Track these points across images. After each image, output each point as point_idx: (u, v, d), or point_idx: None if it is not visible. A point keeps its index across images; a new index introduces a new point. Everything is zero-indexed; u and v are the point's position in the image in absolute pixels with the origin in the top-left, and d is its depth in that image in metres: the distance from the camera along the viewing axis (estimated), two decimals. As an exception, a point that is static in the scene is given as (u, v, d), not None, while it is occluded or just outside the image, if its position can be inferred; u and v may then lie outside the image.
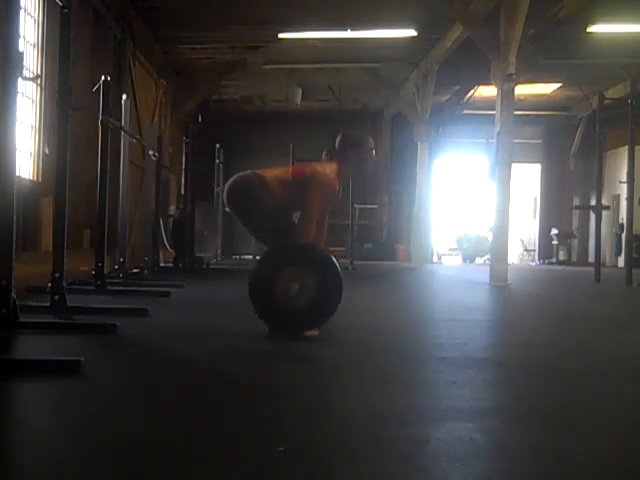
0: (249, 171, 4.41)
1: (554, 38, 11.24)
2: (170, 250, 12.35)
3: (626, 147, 11.10)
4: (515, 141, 10.27)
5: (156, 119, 13.77)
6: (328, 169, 4.31)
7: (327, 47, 13.96)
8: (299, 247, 4.06)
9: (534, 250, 22.02)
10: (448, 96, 17.37)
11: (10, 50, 3.75)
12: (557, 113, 20.17)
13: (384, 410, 2.59)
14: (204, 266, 11.71)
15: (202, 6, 11.77)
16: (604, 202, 13.32)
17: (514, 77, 9.65)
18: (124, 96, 8.23)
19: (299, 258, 3.85)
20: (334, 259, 3.85)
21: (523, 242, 22.13)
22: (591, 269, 11.80)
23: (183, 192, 12.19)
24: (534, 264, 20.85)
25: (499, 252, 9.96)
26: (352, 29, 12.67)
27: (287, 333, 3.79)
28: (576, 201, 20.43)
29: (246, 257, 17.92)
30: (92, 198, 7.28)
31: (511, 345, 4.46)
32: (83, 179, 8.40)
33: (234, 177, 4.42)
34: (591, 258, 17.38)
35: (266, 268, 3.84)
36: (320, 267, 3.79)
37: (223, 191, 4.77)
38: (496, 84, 9.84)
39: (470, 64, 13.20)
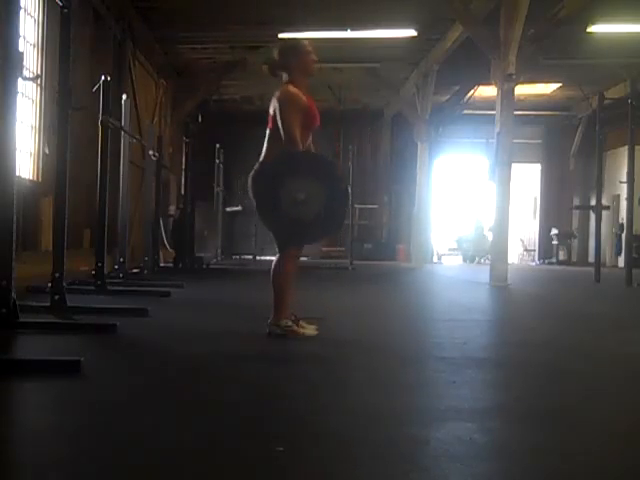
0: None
1: (554, 38, 11.24)
2: (170, 250, 12.35)
3: (626, 147, 11.10)
4: (515, 141, 10.27)
5: (156, 119, 13.76)
6: (285, 88, 4.29)
7: (327, 47, 13.94)
8: (306, 156, 3.98)
9: (534, 250, 22.02)
10: (448, 96, 17.37)
11: (10, 50, 3.75)
12: (557, 113, 20.17)
13: (384, 410, 2.59)
14: (204, 266, 11.71)
15: (202, 6, 11.77)
16: (604, 202, 13.32)
17: (514, 77, 9.65)
18: (124, 96, 8.23)
19: (306, 167, 3.77)
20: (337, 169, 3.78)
21: (523, 242, 22.12)
22: (591, 269, 11.80)
23: (183, 192, 12.19)
24: (534, 264, 20.85)
25: (499, 252, 9.96)
26: (352, 29, 12.67)
27: (299, 242, 3.70)
28: (576, 201, 20.42)
29: (246, 257, 17.92)
30: (92, 198, 7.29)
31: (511, 345, 4.46)
32: (83, 179, 8.40)
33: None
34: (591, 258, 17.38)
35: (271, 176, 3.75)
36: (325, 176, 3.70)
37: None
38: (496, 84, 9.84)
39: (470, 64, 13.20)
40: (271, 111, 4.29)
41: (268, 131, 4.33)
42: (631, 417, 2.63)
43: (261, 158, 4.30)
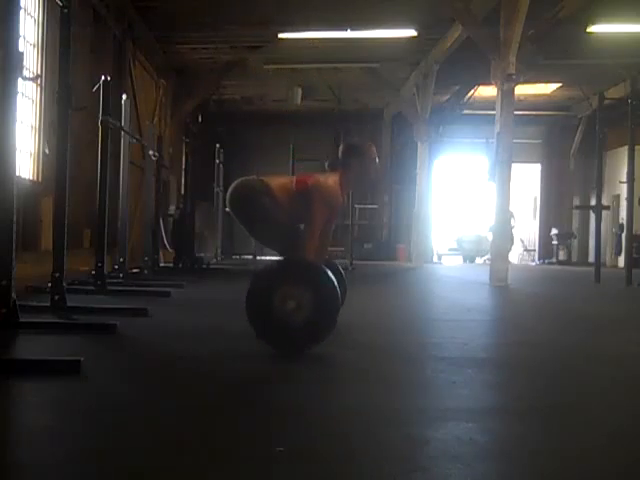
0: (253, 176, 4.39)
1: (554, 38, 11.26)
2: (170, 250, 12.35)
3: (626, 147, 11.10)
4: (515, 141, 10.27)
5: (156, 119, 13.76)
6: (331, 180, 4.27)
7: (327, 47, 13.95)
8: (295, 264, 4.00)
9: (534, 250, 22.02)
10: (448, 96, 17.38)
11: (10, 50, 3.75)
12: (557, 113, 20.17)
13: (384, 410, 2.59)
14: (204, 266, 11.70)
15: (202, 6, 11.77)
16: (604, 202, 13.32)
17: (514, 77, 9.65)
18: (124, 96, 8.23)
19: (295, 276, 3.79)
20: (331, 275, 3.78)
21: (523, 242, 22.12)
22: (591, 269, 11.80)
23: (183, 192, 12.19)
24: (534, 264, 20.85)
25: (499, 252, 9.96)
26: (352, 29, 12.67)
27: (286, 352, 3.75)
28: (576, 201, 20.42)
29: (246, 257, 17.92)
30: (92, 198, 7.29)
31: (511, 345, 4.46)
32: (83, 179, 8.40)
33: (238, 181, 4.39)
34: (591, 258, 17.38)
35: (261, 287, 3.78)
36: (316, 285, 3.73)
37: (225, 192, 4.71)
38: (496, 84, 9.84)
39: (470, 64, 13.21)
40: (308, 184, 4.24)
41: (294, 185, 4.28)
42: (631, 417, 2.63)
43: (262, 178, 4.30)
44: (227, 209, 4.41)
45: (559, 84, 17.02)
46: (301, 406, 2.65)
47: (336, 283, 3.78)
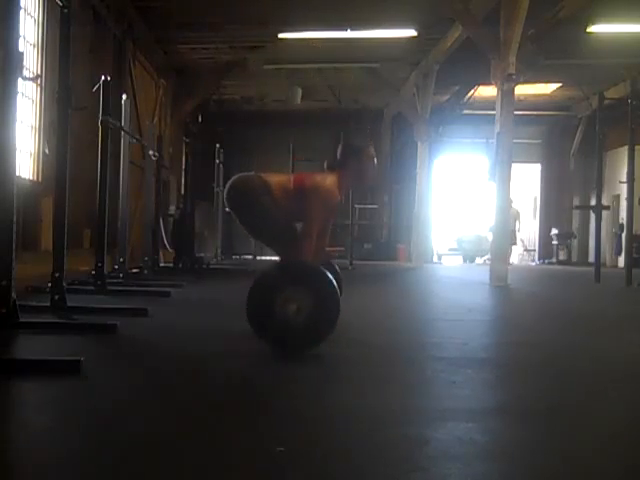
0: (252, 173, 4.40)
1: (554, 38, 11.25)
2: (170, 250, 12.35)
3: (626, 147, 11.10)
4: (515, 141, 10.27)
5: (156, 119, 13.76)
6: (329, 180, 4.28)
7: (327, 47, 13.95)
8: (295, 267, 4.01)
9: (534, 250, 22.02)
10: (448, 96, 17.38)
11: (10, 50, 3.75)
12: (557, 113, 20.17)
13: (384, 410, 2.59)
14: (204, 266, 11.70)
15: (202, 6, 11.77)
16: (604, 202, 13.31)
17: (514, 77, 9.65)
18: (124, 96, 8.23)
19: (296, 279, 3.79)
20: (331, 277, 3.78)
21: (523, 242, 22.11)
22: (591, 269, 11.80)
23: (183, 192, 12.19)
24: (534, 264, 20.84)
25: (499, 252, 9.96)
26: (352, 29, 12.67)
27: (287, 353, 3.75)
28: (576, 201, 20.42)
29: (246, 257, 17.92)
30: (92, 198, 7.28)
31: (511, 345, 4.46)
32: (83, 179, 8.40)
33: (236, 177, 4.40)
34: (591, 258, 17.38)
35: (263, 290, 3.79)
36: (317, 287, 3.73)
37: (224, 189, 4.72)
38: (496, 84, 9.84)
39: (470, 64, 13.20)
40: (305, 183, 4.25)
41: (292, 183, 4.29)
42: (631, 417, 2.63)
43: (260, 174, 4.31)
44: (225, 205, 4.42)
45: (559, 84, 17.02)
46: (301, 406, 2.65)
47: (337, 287, 3.78)
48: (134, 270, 8.76)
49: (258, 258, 17.39)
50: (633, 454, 2.15)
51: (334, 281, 3.74)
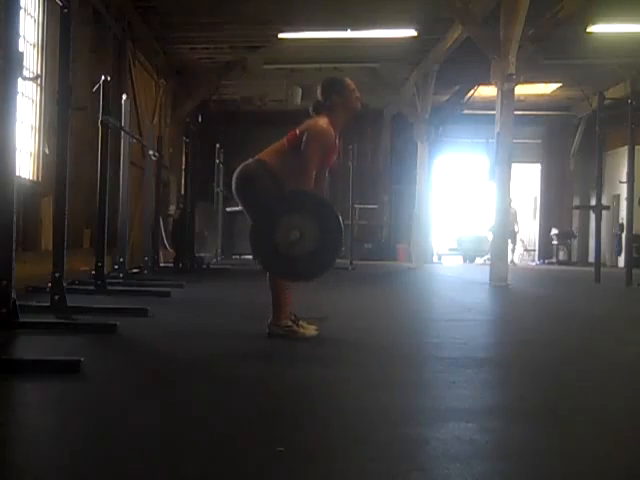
0: (250, 159, 4.40)
1: (554, 38, 11.24)
2: (170, 250, 12.34)
3: (626, 147, 11.09)
4: (515, 141, 10.26)
5: (156, 119, 13.76)
6: (321, 121, 4.30)
7: (327, 47, 13.95)
8: (298, 194, 3.99)
9: (534, 250, 22.01)
10: (448, 96, 17.36)
11: (10, 50, 3.75)
12: (557, 113, 20.16)
13: (384, 410, 2.59)
14: (204, 266, 11.70)
15: (202, 6, 11.76)
16: (604, 202, 13.31)
17: (514, 77, 9.64)
18: (124, 96, 8.23)
19: (298, 205, 3.78)
20: (335, 208, 3.79)
21: (523, 242, 22.11)
22: (591, 269, 11.80)
23: (183, 192, 12.18)
24: (534, 264, 20.84)
25: (499, 252, 9.96)
26: (352, 29, 12.66)
27: (290, 279, 3.70)
28: (576, 201, 20.41)
29: (246, 257, 17.91)
30: (92, 198, 7.28)
31: (511, 345, 4.46)
32: (83, 179, 8.40)
33: (239, 168, 4.41)
34: (591, 258, 17.38)
35: (266, 217, 3.76)
36: (319, 213, 3.71)
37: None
38: (496, 84, 9.84)
39: (470, 64, 13.20)
40: (297, 132, 4.26)
41: (285, 142, 4.29)
42: (631, 417, 2.63)
43: (258, 156, 4.31)
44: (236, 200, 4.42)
45: (559, 84, 17.01)
46: (301, 406, 2.65)
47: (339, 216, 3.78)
48: (134, 270, 8.77)
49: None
50: (634, 454, 2.15)
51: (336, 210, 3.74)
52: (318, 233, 3.64)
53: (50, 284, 4.65)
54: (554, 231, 20.56)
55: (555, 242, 20.64)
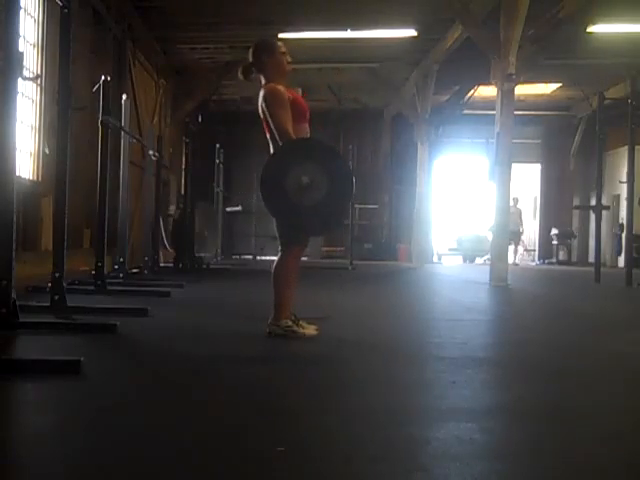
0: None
1: (554, 38, 11.23)
2: (170, 250, 12.34)
3: (626, 147, 11.09)
4: (515, 141, 10.26)
5: (156, 119, 13.76)
6: (263, 88, 4.30)
7: (327, 47, 13.95)
8: (307, 142, 3.97)
9: (534, 250, 22.00)
10: (448, 96, 17.35)
11: (10, 50, 3.75)
12: (557, 113, 20.16)
13: (384, 410, 2.59)
14: (204, 266, 11.70)
15: (202, 6, 11.76)
16: (604, 202, 13.31)
17: (514, 77, 9.64)
18: (124, 96, 8.23)
19: (308, 153, 3.76)
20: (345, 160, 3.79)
21: (523, 242, 22.10)
22: (591, 269, 11.80)
23: (183, 192, 12.18)
24: (534, 264, 20.83)
25: (499, 252, 9.96)
26: (352, 29, 12.66)
27: (302, 230, 3.67)
28: (576, 201, 20.40)
29: (246, 257, 17.92)
30: (92, 198, 7.29)
31: (511, 345, 4.46)
32: (83, 179, 8.40)
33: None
34: (591, 258, 17.37)
35: (276, 165, 3.75)
36: (329, 160, 3.68)
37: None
38: (496, 84, 9.84)
39: (470, 64, 13.19)
40: (261, 114, 4.27)
41: (268, 137, 4.31)
42: (631, 417, 2.63)
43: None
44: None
45: (559, 84, 17.01)
46: (301, 406, 2.65)
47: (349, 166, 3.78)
48: (134, 270, 8.76)
49: (258, 258, 17.39)
50: (633, 454, 2.15)
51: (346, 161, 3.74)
52: (327, 183, 3.61)
53: (50, 284, 4.65)
54: (554, 231, 20.56)
55: (555, 242, 20.63)
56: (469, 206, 24.39)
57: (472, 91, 16.69)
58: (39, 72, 7.99)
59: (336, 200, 3.65)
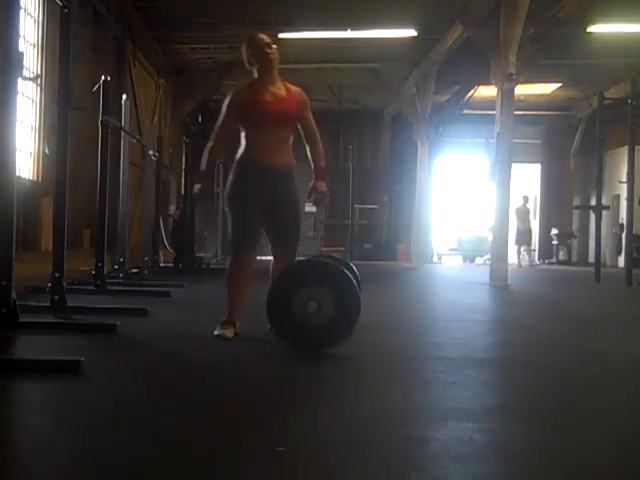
0: None
1: (554, 38, 11.23)
2: (170, 250, 12.34)
3: (626, 147, 11.09)
4: (515, 141, 10.26)
5: (156, 119, 13.76)
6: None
7: (327, 47, 13.94)
8: (317, 265, 4.02)
9: (534, 250, 21.99)
10: (448, 96, 17.35)
11: (10, 50, 3.75)
12: (557, 113, 20.15)
13: (384, 410, 2.59)
14: (204, 266, 11.69)
15: (202, 6, 11.76)
16: (604, 202, 13.30)
17: (514, 77, 9.64)
18: (124, 96, 8.23)
19: (316, 277, 3.78)
20: (351, 275, 3.78)
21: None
22: (591, 269, 11.80)
23: (183, 192, 12.18)
24: (534, 264, 20.82)
25: (499, 252, 9.95)
26: (352, 29, 12.65)
27: (307, 352, 3.72)
28: (576, 201, 20.40)
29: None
30: (92, 198, 7.28)
31: (511, 345, 4.46)
32: (83, 179, 8.40)
33: None
34: (591, 258, 17.36)
35: (283, 288, 3.78)
36: (337, 286, 3.72)
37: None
38: (496, 84, 9.84)
39: (470, 64, 13.19)
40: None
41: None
42: (631, 417, 2.63)
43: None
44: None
45: (559, 84, 17.01)
46: (301, 406, 2.65)
47: (356, 286, 3.78)
48: (134, 270, 8.76)
49: (258, 258, 17.34)
50: (634, 454, 2.15)
51: (353, 279, 3.75)
52: (334, 308, 3.63)
53: (50, 284, 4.65)
54: (554, 231, 20.55)
55: (555, 242, 20.63)
56: (469, 206, 24.39)
57: (472, 91, 16.69)
58: (39, 72, 7.99)
59: (341, 322, 3.66)
